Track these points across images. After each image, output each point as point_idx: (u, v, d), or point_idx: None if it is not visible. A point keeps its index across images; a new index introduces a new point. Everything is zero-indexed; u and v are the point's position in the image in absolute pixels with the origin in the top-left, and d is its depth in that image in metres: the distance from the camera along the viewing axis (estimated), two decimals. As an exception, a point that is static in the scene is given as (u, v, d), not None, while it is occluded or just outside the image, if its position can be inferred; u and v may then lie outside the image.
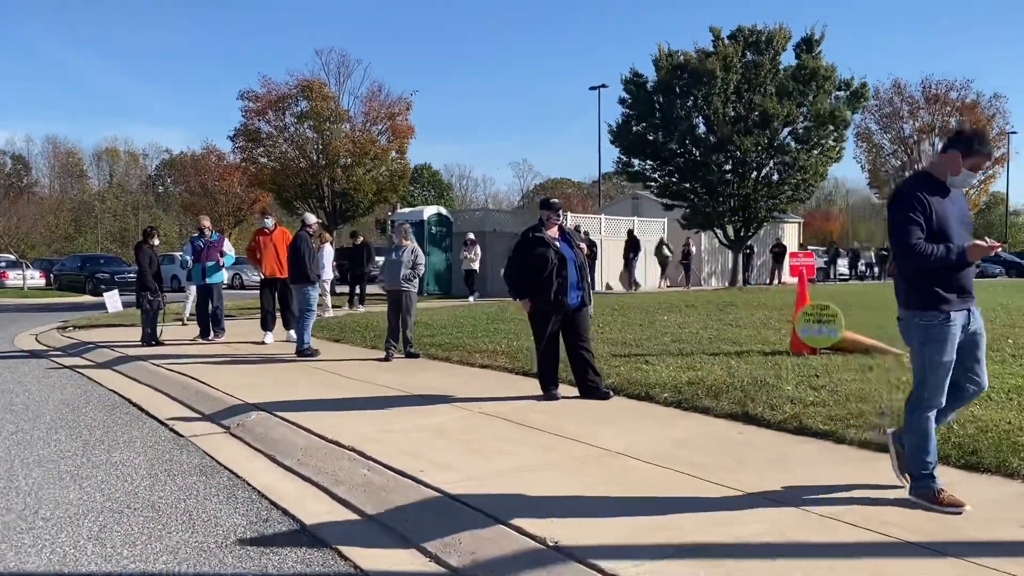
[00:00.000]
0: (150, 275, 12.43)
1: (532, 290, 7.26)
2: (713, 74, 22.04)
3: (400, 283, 10.38)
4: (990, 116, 33.43)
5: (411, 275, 10.46)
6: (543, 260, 7.18)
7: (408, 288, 10.43)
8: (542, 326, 7.33)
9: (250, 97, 23.23)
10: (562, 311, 7.29)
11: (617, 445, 5.67)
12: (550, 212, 7.50)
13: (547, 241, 7.30)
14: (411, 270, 10.45)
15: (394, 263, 10.33)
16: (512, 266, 7.46)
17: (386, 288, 10.24)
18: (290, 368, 9.93)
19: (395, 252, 10.36)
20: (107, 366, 11.10)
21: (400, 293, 10.40)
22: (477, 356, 10.12)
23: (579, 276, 7.36)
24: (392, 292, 10.33)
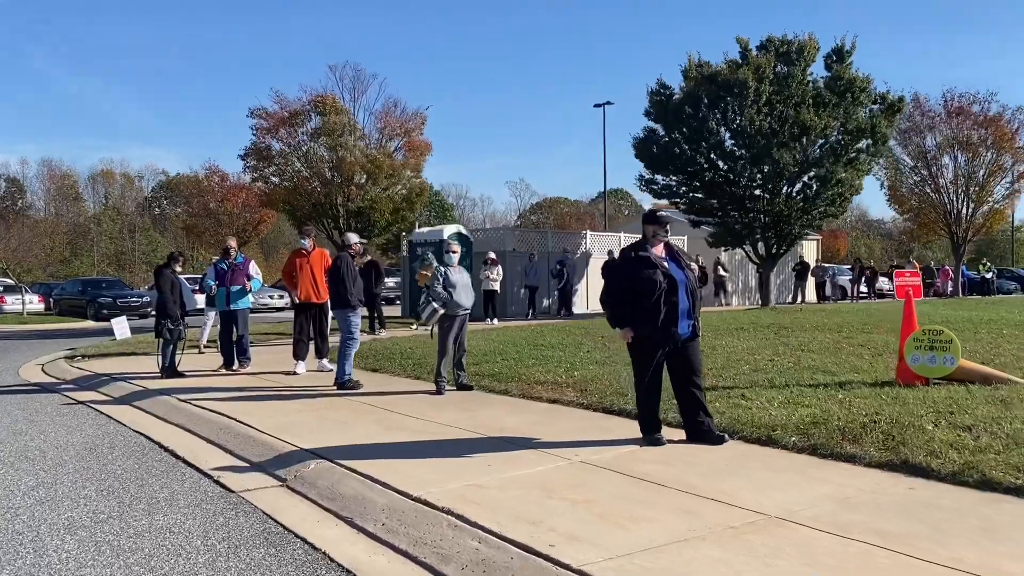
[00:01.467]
0: (172, 302, 11.45)
1: (635, 318, 6.28)
2: (746, 84, 21.21)
3: (469, 305, 9.42)
4: (1014, 130, 32.67)
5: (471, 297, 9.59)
6: (650, 283, 6.20)
7: (468, 313, 9.48)
8: (647, 359, 6.35)
9: (261, 114, 22.35)
10: (670, 342, 6.32)
11: (769, 507, 4.71)
12: (657, 227, 6.52)
13: (654, 261, 6.32)
14: (473, 291, 9.57)
15: (463, 284, 9.34)
16: (610, 290, 6.50)
17: (450, 312, 9.23)
18: (335, 404, 8.95)
19: (453, 273, 9.36)
20: (126, 401, 10.11)
21: (465, 317, 9.43)
22: (539, 388, 9.16)
23: (691, 302, 6.38)
24: (457, 317, 9.33)
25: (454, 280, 9.29)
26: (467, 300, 9.34)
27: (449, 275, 9.30)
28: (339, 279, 9.98)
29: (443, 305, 9.22)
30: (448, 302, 9.22)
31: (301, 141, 22.29)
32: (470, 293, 9.42)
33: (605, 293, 6.55)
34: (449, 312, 9.23)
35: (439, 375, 9.31)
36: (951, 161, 34.13)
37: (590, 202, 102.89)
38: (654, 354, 6.30)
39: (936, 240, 41.04)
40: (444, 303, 9.20)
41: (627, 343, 6.43)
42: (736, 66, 21.98)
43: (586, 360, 11.22)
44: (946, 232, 35.09)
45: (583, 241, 26.88)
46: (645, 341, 6.29)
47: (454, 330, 9.32)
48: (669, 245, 6.59)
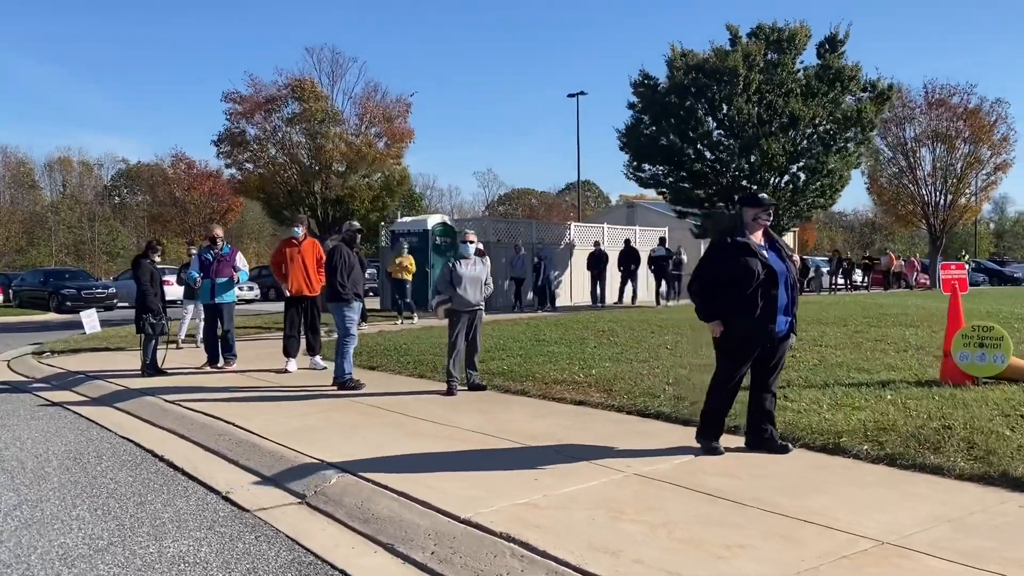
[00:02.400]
0: (153, 294, 10.67)
1: (729, 311, 5.61)
2: (736, 72, 20.75)
3: (481, 300, 8.80)
4: (992, 122, 32.71)
5: (487, 291, 8.95)
6: (747, 273, 5.53)
7: (479, 309, 8.86)
8: (737, 358, 5.68)
9: (235, 99, 21.39)
10: (766, 340, 5.69)
11: (875, 530, 4.17)
12: (758, 210, 5.78)
13: (753, 249, 5.65)
14: (487, 285, 8.93)
15: (472, 278, 8.70)
16: (701, 279, 5.79)
17: (456, 307, 8.61)
18: (339, 406, 8.27)
19: (466, 265, 8.73)
20: (107, 402, 9.35)
21: (475, 313, 8.81)
22: (559, 388, 8.57)
23: (790, 297, 5.74)
24: (467, 312, 8.70)
25: (462, 273, 8.65)
26: (475, 295, 8.72)
27: (457, 268, 8.67)
28: (331, 270, 9.28)
29: (448, 298, 8.59)
30: (453, 296, 8.59)
31: (277, 127, 21.39)
32: (479, 288, 8.79)
33: (695, 281, 5.88)
34: (456, 307, 8.61)
35: (450, 374, 8.67)
36: (929, 153, 34.11)
37: (558, 193, 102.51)
38: (746, 353, 5.66)
39: (900, 232, 41.11)
40: (449, 297, 8.58)
41: (714, 338, 5.77)
42: (724, 54, 21.50)
43: (597, 357, 10.65)
44: (923, 224, 35.09)
45: (568, 232, 26.32)
46: (737, 338, 5.63)
47: (462, 326, 8.69)
48: (769, 232, 5.89)
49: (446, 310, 8.66)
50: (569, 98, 49.42)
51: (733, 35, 22.30)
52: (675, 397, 7.62)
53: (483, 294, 8.80)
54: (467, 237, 8.93)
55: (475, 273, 8.73)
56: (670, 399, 7.56)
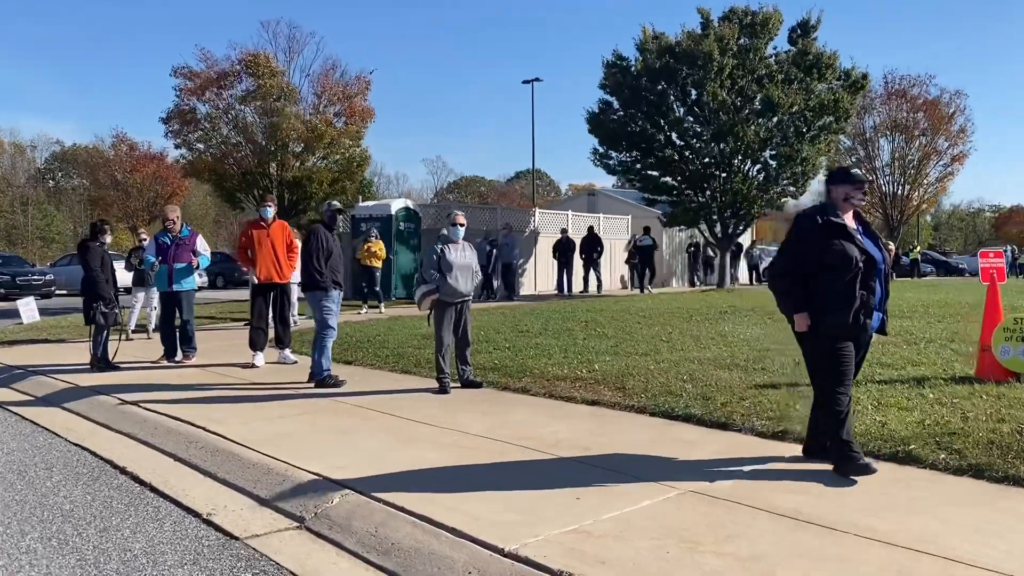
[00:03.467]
0: (104, 280, 9.64)
1: (818, 303, 4.79)
2: (710, 56, 20.17)
3: (470, 291, 8.00)
4: (950, 113, 32.84)
5: (476, 279, 8.16)
6: (844, 259, 4.70)
7: (468, 299, 8.07)
8: (832, 357, 4.79)
9: (186, 74, 20.13)
10: (861, 337, 4.92)
11: (1007, 563, 3.52)
12: (850, 188, 4.89)
13: (850, 232, 4.80)
14: (476, 273, 8.13)
15: (463, 265, 7.89)
16: (785, 264, 4.92)
17: (444, 298, 7.78)
18: (321, 406, 7.41)
19: (455, 250, 7.92)
20: (54, 402, 8.34)
21: (464, 303, 8.01)
22: (563, 386, 7.83)
23: (884, 290, 4.97)
24: (454, 303, 7.89)
25: (452, 259, 7.83)
26: (465, 284, 7.91)
27: (447, 253, 7.83)
28: (311, 255, 8.39)
29: (435, 288, 7.75)
30: (441, 286, 7.76)
31: (230, 104, 20.19)
32: (470, 276, 7.98)
33: (775, 267, 5.04)
34: (445, 297, 7.79)
35: (441, 370, 7.86)
36: (887, 143, 34.15)
37: (507, 182, 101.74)
38: (842, 350, 4.80)
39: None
40: (438, 286, 7.74)
41: (801, 336, 4.94)
42: (699, 38, 20.92)
43: (593, 350, 9.94)
44: (881, 214, 35.19)
45: (532, 219, 25.58)
46: (829, 336, 4.80)
47: (449, 319, 7.88)
48: (859, 214, 5.05)
49: (433, 299, 7.80)
50: (524, 84, 48.84)
51: (705, 19, 21.74)
52: (702, 397, 6.94)
53: (474, 283, 8.00)
54: (457, 219, 8.09)
55: (466, 260, 7.93)
56: (696, 399, 6.88)
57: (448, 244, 7.91)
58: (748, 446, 5.58)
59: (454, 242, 7.96)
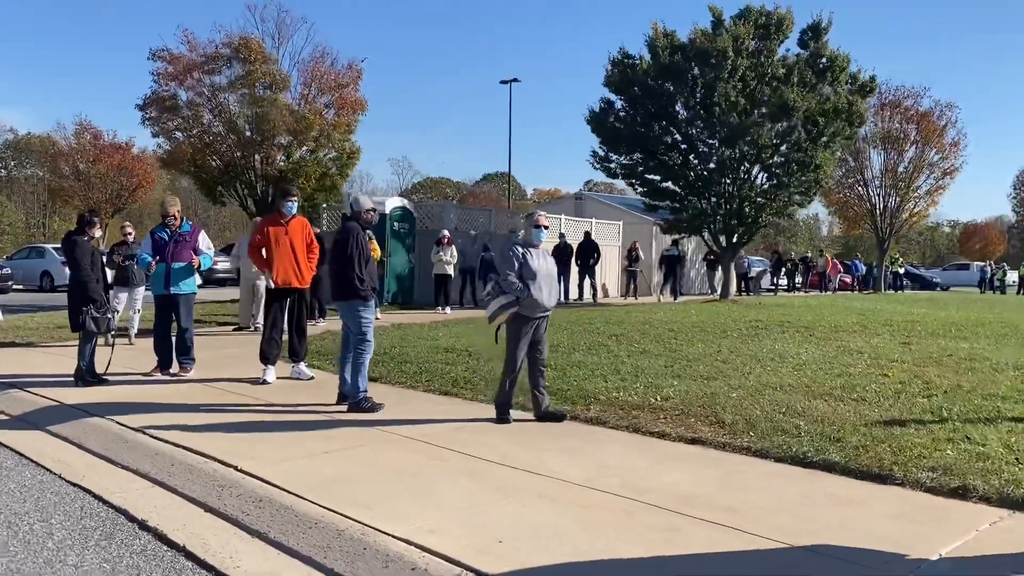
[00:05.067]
0: (94, 280, 8.33)
1: None
2: (724, 54, 19.26)
3: (554, 304, 6.82)
4: (942, 126, 32.43)
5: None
6: None
7: (548, 315, 6.89)
8: None
9: (165, 57, 18.68)
10: None
11: None
12: None
13: None
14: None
15: (547, 273, 6.72)
16: None
17: (525, 312, 6.62)
18: (367, 438, 6.22)
19: (537, 256, 6.72)
20: (37, 424, 7.04)
21: (544, 319, 6.84)
22: (643, 416, 6.75)
23: None
24: (533, 320, 6.71)
25: (535, 267, 6.62)
26: (550, 296, 6.71)
27: (529, 259, 6.64)
28: (346, 258, 7.20)
29: (515, 301, 6.57)
30: (523, 297, 6.57)
31: (215, 91, 18.78)
32: (554, 287, 6.82)
33: None
34: (524, 312, 6.58)
35: (507, 398, 6.68)
36: (878, 155, 33.68)
37: (475, 184, 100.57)
38: None
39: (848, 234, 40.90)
40: (517, 298, 6.55)
41: None
42: (713, 36, 20.01)
43: (647, 371, 8.87)
44: (871, 226, 34.69)
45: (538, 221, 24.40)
46: None
47: (529, 337, 6.66)
48: None
49: (510, 314, 6.58)
50: (502, 84, 47.84)
51: (716, 18, 20.85)
52: (827, 437, 5.89)
53: (558, 295, 6.85)
54: (540, 220, 6.87)
55: (549, 268, 6.73)
56: (821, 439, 5.84)
57: (529, 248, 6.71)
58: (927, 509, 4.55)
59: (535, 246, 6.77)
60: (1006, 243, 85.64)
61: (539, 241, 6.81)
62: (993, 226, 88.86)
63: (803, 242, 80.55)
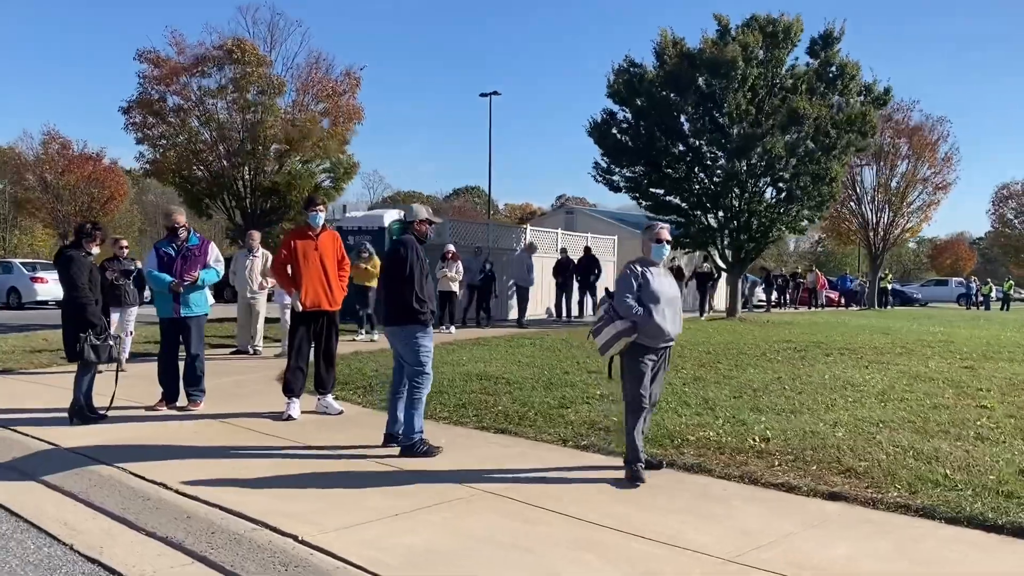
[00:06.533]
0: (94, 302, 7.22)
1: None
2: (734, 64, 18.52)
3: (675, 335, 5.65)
4: (934, 140, 32.08)
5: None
6: None
7: (672, 344, 5.80)
8: None
9: (152, 58, 17.51)
10: None
11: None
12: None
13: None
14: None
15: (671, 297, 5.58)
16: None
17: (646, 341, 5.48)
18: (444, 495, 5.18)
19: (658, 276, 5.62)
20: (31, 474, 5.92)
21: (667, 350, 5.72)
22: (753, 462, 5.81)
23: None
24: (656, 352, 5.57)
25: (657, 288, 5.50)
26: (674, 323, 5.56)
27: (650, 279, 5.54)
28: (404, 276, 6.19)
29: (633, 327, 5.45)
30: (645, 324, 5.45)
31: (205, 94, 17.61)
32: (678, 311, 5.66)
33: None
34: (645, 341, 5.46)
35: (635, 453, 5.44)
36: (870, 170, 33.26)
37: (445, 198, 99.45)
38: None
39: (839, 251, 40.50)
40: (635, 324, 5.45)
41: None
42: (723, 44, 19.26)
43: (720, 404, 7.93)
44: (863, 241, 34.22)
45: (523, 236, 23.51)
46: None
47: (648, 371, 5.53)
48: None
49: (627, 343, 5.43)
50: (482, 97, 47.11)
51: (723, 27, 20.13)
52: (992, 491, 4.99)
53: (679, 321, 5.72)
54: (660, 234, 5.73)
55: (673, 289, 5.64)
56: (989, 494, 4.93)
57: (649, 267, 5.63)
58: None
59: (655, 265, 5.70)
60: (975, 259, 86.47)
61: (660, 259, 5.72)
62: (960, 242, 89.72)
63: (771, 257, 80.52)
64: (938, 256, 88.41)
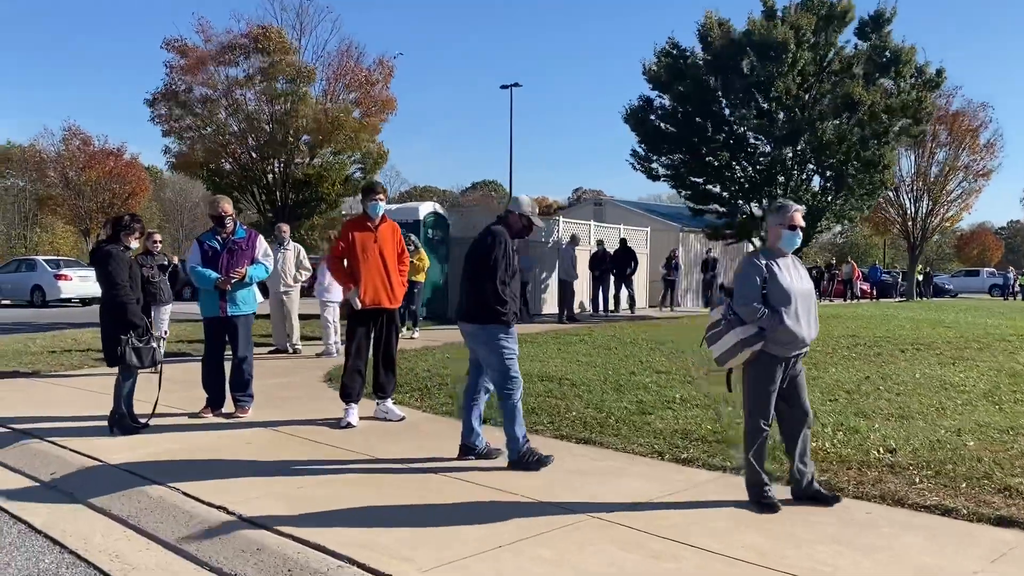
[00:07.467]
0: (134, 301, 6.60)
1: None
2: (785, 46, 17.74)
3: (811, 340, 4.77)
4: (976, 126, 31.10)
5: None
6: None
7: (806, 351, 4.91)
8: None
9: (179, 47, 16.92)
10: None
11: None
12: None
13: None
14: None
15: (804, 294, 4.70)
16: None
17: (775, 350, 4.60)
18: (548, 521, 4.51)
19: (787, 269, 4.71)
20: (75, 495, 5.30)
21: (799, 358, 4.78)
22: (891, 480, 5.10)
23: None
24: (791, 358, 4.70)
25: (787, 284, 4.61)
26: (809, 326, 4.67)
27: (778, 272, 4.65)
28: (487, 270, 5.51)
29: (759, 333, 4.57)
30: (774, 329, 4.57)
31: (233, 84, 16.99)
32: (813, 312, 4.72)
33: None
34: (773, 349, 4.59)
35: (762, 475, 4.69)
36: (907, 157, 32.31)
37: (462, 192, 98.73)
38: None
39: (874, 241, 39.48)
40: (762, 329, 4.56)
41: None
42: (770, 27, 18.46)
43: (818, 408, 7.22)
44: (901, 231, 33.30)
45: (555, 229, 22.79)
46: None
47: (777, 383, 4.68)
48: None
49: (753, 353, 4.59)
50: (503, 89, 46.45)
51: (768, 7, 19.32)
52: None
53: (816, 324, 4.81)
54: (794, 218, 4.77)
55: (806, 286, 4.77)
56: None
57: (776, 260, 4.74)
58: None
59: (784, 256, 4.81)
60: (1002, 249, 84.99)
61: (791, 248, 4.83)
62: (986, 232, 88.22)
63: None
64: (964, 246, 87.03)
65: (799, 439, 4.74)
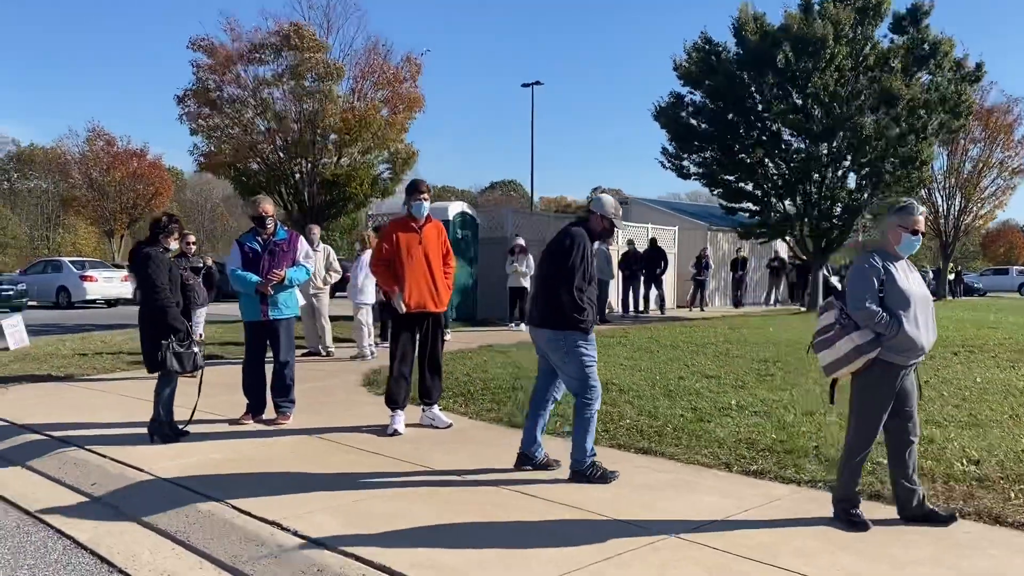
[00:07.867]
0: (174, 304, 6.39)
1: None
2: (824, 41, 17.35)
3: (929, 347, 4.40)
4: (1010, 122, 30.50)
5: None
6: None
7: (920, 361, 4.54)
8: None
9: (206, 46, 16.78)
10: None
11: None
12: None
13: None
14: None
15: (922, 298, 4.31)
16: None
17: (897, 358, 4.23)
18: (617, 542, 4.23)
19: (903, 272, 4.32)
20: (124, 511, 5.07)
21: (914, 368, 4.41)
22: (985, 497, 4.77)
23: None
24: (906, 368, 4.31)
25: (905, 288, 4.26)
26: (927, 332, 4.30)
27: (895, 274, 4.28)
28: (564, 273, 5.22)
29: (875, 340, 4.20)
30: (893, 335, 4.19)
31: (261, 83, 16.83)
32: (931, 316, 4.35)
33: None
34: (890, 357, 4.23)
35: (849, 490, 4.41)
36: (940, 154, 31.73)
37: (481, 192, 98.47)
38: None
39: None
40: (878, 336, 4.19)
41: None
42: (808, 21, 18.07)
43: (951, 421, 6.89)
44: (933, 230, 32.73)
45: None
46: None
47: (895, 391, 4.31)
48: None
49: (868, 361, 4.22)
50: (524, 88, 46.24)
51: (806, 2, 18.91)
52: None
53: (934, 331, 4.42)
54: (918, 223, 4.30)
55: (924, 289, 4.40)
56: None
57: (893, 262, 4.32)
58: None
59: (900, 258, 4.37)
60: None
61: (909, 253, 4.41)
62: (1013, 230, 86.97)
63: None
64: (990, 244, 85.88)
65: (908, 453, 4.41)
